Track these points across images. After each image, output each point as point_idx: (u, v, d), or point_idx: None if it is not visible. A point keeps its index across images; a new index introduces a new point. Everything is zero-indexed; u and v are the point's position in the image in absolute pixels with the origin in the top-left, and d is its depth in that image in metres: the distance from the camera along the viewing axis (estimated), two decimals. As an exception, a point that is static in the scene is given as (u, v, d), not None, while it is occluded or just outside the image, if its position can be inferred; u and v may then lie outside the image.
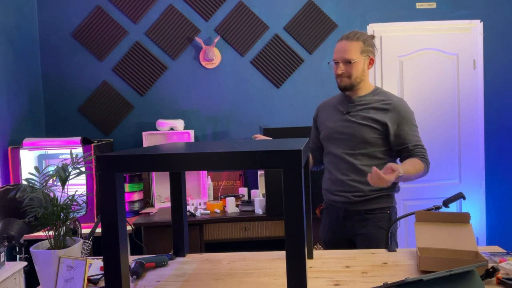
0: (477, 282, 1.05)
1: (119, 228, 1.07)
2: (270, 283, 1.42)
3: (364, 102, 2.03)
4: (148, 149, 1.24)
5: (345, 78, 2.00)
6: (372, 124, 1.97)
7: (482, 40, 3.61)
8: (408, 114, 2.00)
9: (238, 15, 3.51)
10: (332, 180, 2.06)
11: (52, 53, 3.47)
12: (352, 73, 1.99)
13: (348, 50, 1.97)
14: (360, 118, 1.99)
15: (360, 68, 2.00)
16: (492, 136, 3.66)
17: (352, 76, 1.99)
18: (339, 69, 2.00)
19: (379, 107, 2.00)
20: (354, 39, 1.98)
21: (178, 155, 1.05)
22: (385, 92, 2.06)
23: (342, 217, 2.04)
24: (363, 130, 1.98)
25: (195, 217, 2.90)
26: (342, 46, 1.99)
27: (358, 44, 1.98)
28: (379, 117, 1.97)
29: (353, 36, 1.99)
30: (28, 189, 1.37)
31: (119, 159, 1.05)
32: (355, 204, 2.00)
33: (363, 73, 2.02)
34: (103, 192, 1.06)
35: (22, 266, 2.20)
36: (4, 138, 2.95)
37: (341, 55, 1.99)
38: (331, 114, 2.11)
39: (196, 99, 3.53)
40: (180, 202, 1.70)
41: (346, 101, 2.07)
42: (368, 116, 1.99)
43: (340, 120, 2.05)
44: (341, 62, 1.99)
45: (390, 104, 2.00)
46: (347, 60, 1.97)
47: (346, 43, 1.98)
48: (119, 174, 1.07)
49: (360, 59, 1.98)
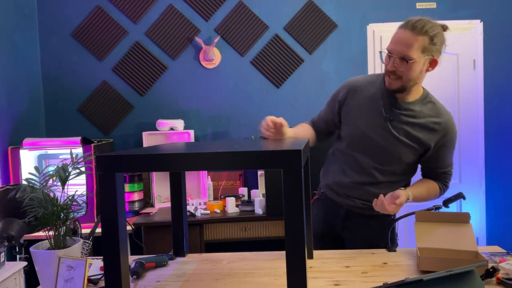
0: (477, 282, 1.05)
1: (119, 228, 1.07)
2: (270, 283, 1.42)
3: (411, 113, 1.69)
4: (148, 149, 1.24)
5: (396, 80, 1.63)
6: (415, 145, 1.69)
7: (482, 40, 3.61)
8: (454, 137, 1.72)
9: (238, 15, 3.51)
10: (344, 183, 1.81)
11: (52, 53, 3.47)
12: (406, 74, 1.61)
13: (409, 45, 1.57)
14: (404, 135, 1.68)
15: (418, 70, 1.62)
16: (492, 136, 3.65)
17: (404, 78, 1.62)
18: (390, 64, 1.62)
19: (427, 126, 1.68)
20: (421, 32, 1.57)
21: (178, 155, 1.04)
22: (435, 103, 1.74)
23: (343, 217, 1.87)
24: (403, 150, 1.69)
25: (195, 217, 2.90)
26: (404, 36, 1.58)
27: (424, 40, 1.57)
28: (424, 137, 1.68)
29: (421, 28, 1.57)
30: (28, 189, 1.37)
31: (119, 159, 1.05)
32: (360, 209, 1.83)
33: (419, 76, 1.65)
34: (103, 192, 1.06)
35: (22, 266, 2.20)
36: (4, 138, 2.95)
37: (399, 49, 1.59)
38: (366, 111, 1.73)
39: (196, 99, 3.53)
40: (180, 202, 1.70)
41: (389, 103, 1.70)
42: (414, 135, 1.68)
43: (378, 126, 1.70)
44: (396, 57, 1.60)
45: (440, 124, 1.69)
46: (405, 57, 1.58)
47: (409, 35, 1.57)
48: (119, 174, 1.07)
49: (420, 60, 1.60)
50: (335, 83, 3.59)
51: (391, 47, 1.63)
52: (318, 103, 3.54)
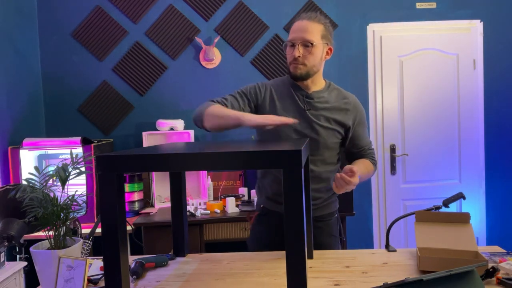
0: (477, 282, 1.05)
1: (119, 228, 1.07)
2: (270, 283, 1.42)
3: (323, 100, 1.80)
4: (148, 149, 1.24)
5: (301, 65, 1.73)
6: (336, 127, 1.79)
7: (482, 40, 3.61)
8: (363, 113, 1.86)
9: (238, 15, 3.51)
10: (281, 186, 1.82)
11: (52, 53, 3.47)
12: (310, 59, 1.72)
13: (309, 31, 1.70)
14: (324, 120, 1.77)
15: (319, 56, 1.75)
16: (492, 136, 3.66)
17: (309, 64, 1.73)
18: (296, 51, 1.71)
19: (340, 107, 1.80)
20: (316, 20, 1.72)
21: (178, 155, 1.05)
22: (339, 89, 1.88)
23: None
24: (327, 134, 1.77)
25: (195, 217, 2.90)
26: (302, 25, 1.71)
27: (320, 27, 1.72)
28: (342, 118, 1.79)
29: (315, 17, 1.73)
30: (28, 189, 1.37)
31: (119, 159, 1.05)
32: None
33: (320, 63, 1.78)
34: (103, 192, 1.06)
35: (22, 266, 2.20)
36: (4, 138, 2.95)
37: (300, 35, 1.70)
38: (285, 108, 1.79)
39: (196, 99, 3.53)
40: (180, 202, 1.70)
41: (301, 96, 1.80)
42: (332, 118, 1.78)
43: (300, 118, 1.76)
44: (299, 44, 1.71)
45: (350, 103, 1.82)
46: (307, 42, 1.70)
47: (307, 23, 1.71)
48: (119, 174, 1.07)
49: (320, 44, 1.73)
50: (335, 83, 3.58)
51: (293, 36, 1.73)
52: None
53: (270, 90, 1.83)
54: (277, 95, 1.82)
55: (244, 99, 1.81)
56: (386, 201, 3.66)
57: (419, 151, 3.63)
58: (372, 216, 3.66)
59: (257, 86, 1.85)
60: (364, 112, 1.87)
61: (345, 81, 3.60)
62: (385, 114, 3.63)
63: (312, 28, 1.71)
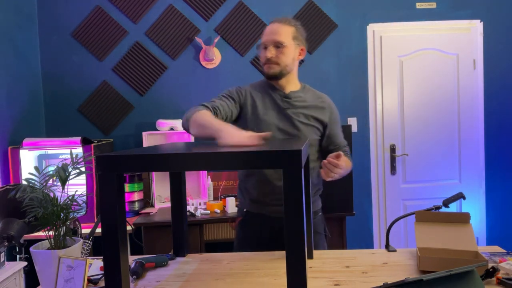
0: (477, 282, 1.05)
1: (119, 228, 1.07)
2: (270, 283, 1.42)
3: (300, 99, 1.87)
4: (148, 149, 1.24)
5: (274, 65, 1.81)
6: (314, 124, 1.86)
7: (482, 40, 3.61)
8: (337, 113, 1.95)
9: (238, 15, 3.51)
10: (267, 188, 1.83)
11: (52, 53, 3.47)
12: (282, 59, 1.80)
13: (280, 33, 1.79)
14: (303, 117, 1.84)
15: (291, 56, 1.82)
16: (492, 136, 3.66)
17: (281, 63, 1.81)
18: (268, 52, 1.80)
19: (316, 106, 1.88)
20: (286, 22, 1.82)
21: (178, 155, 1.04)
22: (314, 90, 1.95)
23: (278, 229, 1.83)
24: (307, 131, 1.84)
25: (195, 217, 2.90)
26: (273, 28, 1.81)
27: (290, 29, 1.81)
28: (319, 116, 1.87)
29: (285, 20, 1.83)
30: (28, 189, 1.37)
31: (119, 159, 1.05)
32: None
33: (293, 63, 1.85)
34: (103, 192, 1.06)
35: (22, 266, 2.20)
36: (4, 138, 2.95)
37: (272, 37, 1.79)
38: (266, 110, 1.85)
39: (196, 99, 3.53)
40: (180, 202, 1.70)
41: (279, 96, 1.87)
42: (310, 115, 1.85)
43: (281, 117, 1.84)
44: (271, 46, 1.80)
45: (325, 102, 1.91)
46: (278, 43, 1.79)
47: (277, 25, 1.81)
48: (119, 174, 1.07)
49: (291, 45, 1.81)
50: (335, 83, 3.60)
51: (265, 39, 1.82)
52: (318, 103, 3.56)
53: (249, 92, 1.89)
54: (256, 97, 1.88)
55: (231, 100, 1.84)
56: (386, 201, 3.66)
57: (419, 151, 3.63)
58: (372, 216, 3.66)
59: (237, 89, 1.90)
60: (337, 112, 1.95)
61: (345, 81, 3.60)
62: (385, 114, 3.63)
63: (283, 30, 1.80)
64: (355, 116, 3.61)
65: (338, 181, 2.18)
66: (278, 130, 1.82)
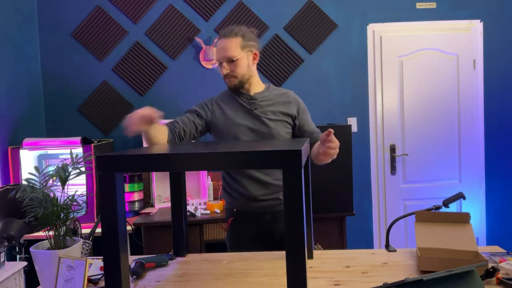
0: (477, 282, 1.05)
1: (119, 228, 1.07)
2: (270, 283, 1.42)
3: (265, 98, 1.94)
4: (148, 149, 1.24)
5: (232, 78, 1.90)
6: (283, 118, 1.92)
7: (482, 40, 3.61)
8: (304, 104, 2.00)
9: (238, 15, 3.51)
10: (256, 184, 1.91)
11: (52, 53, 3.47)
12: (237, 71, 1.88)
13: (228, 48, 1.86)
14: (272, 114, 1.91)
15: (245, 65, 1.89)
16: (492, 136, 3.66)
17: (238, 75, 1.89)
18: (224, 69, 1.89)
19: (282, 101, 1.95)
20: (231, 35, 1.88)
21: (178, 155, 1.04)
22: (277, 88, 2.03)
23: (270, 221, 1.94)
24: (277, 126, 1.90)
25: (195, 217, 2.90)
26: (222, 44, 1.88)
27: (237, 40, 1.87)
28: (286, 110, 1.93)
29: (230, 32, 1.88)
30: (28, 189, 1.37)
31: (119, 159, 1.05)
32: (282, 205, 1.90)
33: (249, 69, 1.92)
34: (103, 192, 1.06)
35: (22, 266, 2.20)
36: (4, 138, 2.95)
37: (222, 54, 1.88)
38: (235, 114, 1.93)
39: (196, 99, 3.49)
40: (180, 202, 1.70)
41: (246, 99, 1.94)
42: (278, 111, 1.92)
43: (250, 118, 1.91)
44: (224, 62, 1.88)
45: (290, 96, 1.98)
46: (229, 59, 1.87)
47: (224, 41, 1.87)
48: (119, 174, 1.07)
49: (242, 55, 1.88)
50: (335, 83, 3.60)
51: (218, 56, 1.91)
52: (318, 103, 3.56)
53: (216, 101, 1.98)
54: (224, 104, 1.96)
55: (193, 113, 1.95)
56: (386, 201, 3.66)
57: (419, 151, 3.63)
58: (372, 216, 3.66)
59: (203, 103, 1.99)
60: (304, 104, 2.01)
61: (345, 81, 3.60)
62: (385, 114, 3.63)
63: (230, 44, 1.87)
64: (355, 116, 3.61)
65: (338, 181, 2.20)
66: (249, 130, 1.90)
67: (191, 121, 1.92)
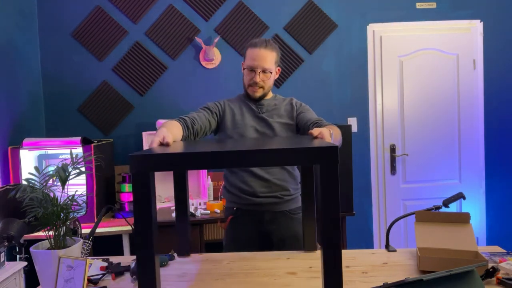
0: (477, 282, 1.05)
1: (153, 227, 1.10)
2: (270, 283, 1.42)
3: (272, 104, 2.03)
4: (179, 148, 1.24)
5: (260, 88, 1.97)
6: (288, 121, 1.99)
7: (482, 40, 3.61)
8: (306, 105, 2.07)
9: (238, 15, 3.51)
10: (258, 181, 1.95)
11: (52, 53, 3.47)
12: (267, 83, 1.96)
13: (267, 60, 1.93)
14: (277, 117, 1.99)
15: (273, 79, 2.00)
16: (492, 136, 3.66)
17: (266, 87, 1.97)
18: (257, 77, 1.94)
19: (286, 107, 2.02)
20: (272, 48, 1.95)
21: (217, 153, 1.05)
22: (282, 97, 2.09)
23: (267, 221, 1.97)
24: (282, 129, 1.97)
25: (195, 217, 2.90)
26: (261, 54, 1.93)
27: (274, 54, 1.96)
28: (289, 113, 2.00)
29: (270, 45, 1.96)
30: (28, 189, 1.37)
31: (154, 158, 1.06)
32: (282, 205, 1.97)
33: (272, 83, 2.02)
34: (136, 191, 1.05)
35: (22, 266, 2.20)
36: (4, 138, 2.95)
37: (260, 64, 1.93)
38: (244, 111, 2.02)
39: (196, 99, 3.53)
40: (184, 202, 1.71)
41: (254, 104, 2.03)
42: (282, 114, 2.00)
43: (256, 119, 1.99)
44: (259, 70, 1.94)
45: (292, 102, 2.05)
46: (265, 70, 1.94)
47: (264, 52, 1.93)
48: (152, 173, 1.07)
49: (274, 70, 1.98)
50: (335, 83, 3.60)
51: (254, 64, 1.93)
52: (318, 103, 3.56)
53: (227, 104, 2.05)
54: (234, 106, 2.04)
55: (208, 112, 1.99)
56: (386, 201, 3.66)
57: (419, 151, 3.63)
58: (372, 216, 3.66)
59: (215, 102, 2.05)
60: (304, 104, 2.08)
61: (345, 81, 3.60)
62: (385, 114, 3.63)
63: (270, 57, 1.94)
64: (355, 116, 3.61)
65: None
66: (255, 131, 1.97)
67: (207, 119, 1.95)
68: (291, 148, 1.04)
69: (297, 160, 1.07)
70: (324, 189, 1.01)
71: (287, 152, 1.04)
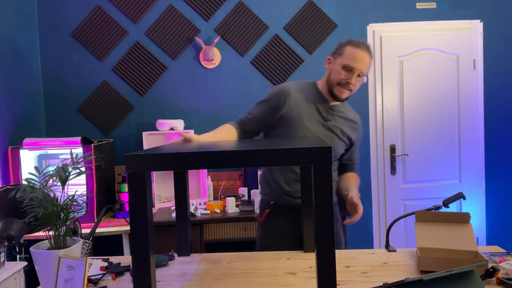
0: (477, 282, 1.05)
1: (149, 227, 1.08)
2: (270, 283, 1.42)
3: (342, 114, 1.97)
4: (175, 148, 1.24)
5: (348, 91, 1.89)
6: (346, 140, 1.97)
7: (482, 40, 3.61)
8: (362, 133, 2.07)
9: (238, 15, 3.51)
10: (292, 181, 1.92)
11: (52, 53, 3.47)
12: (356, 87, 1.89)
13: (367, 65, 1.87)
14: (340, 133, 1.94)
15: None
16: (492, 136, 3.66)
17: (353, 90, 1.90)
18: (353, 79, 1.86)
19: (351, 126, 1.98)
20: (371, 55, 1.89)
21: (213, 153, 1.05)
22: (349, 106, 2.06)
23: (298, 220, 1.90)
24: (339, 145, 1.94)
25: (195, 217, 2.90)
26: (366, 58, 1.86)
27: (371, 62, 1.90)
28: (350, 135, 1.97)
29: (371, 51, 1.90)
30: (28, 189, 1.37)
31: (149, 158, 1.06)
32: None
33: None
34: (132, 190, 1.06)
35: (22, 266, 2.20)
36: (4, 138, 2.95)
37: (362, 68, 1.85)
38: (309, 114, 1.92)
39: (196, 99, 3.53)
40: (185, 202, 1.71)
41: (325, 107, 1.95)
42: (345, 133, 1.95)
43: (320, 126, 1.92)
44: (357, 73, 1.85)
45: (357, 123, 2.02)
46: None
47: (368, 57, 1.86)
48: (148, 173, 1.07)
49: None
50: (335, 83, 3.59)
51: (356, 65, 1.84)
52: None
53: (294, 96, 1.93)
54: (301, 102, 1.92)
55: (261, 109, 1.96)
56: (386, 201, 3.66)
57: (419, 151, 3.63)
58: (372, 216, 3.66)
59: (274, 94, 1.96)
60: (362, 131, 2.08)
61: (345, 81, 3.60)
62: (385, 114, 3.63)
63: (369, 62, 1.88)
64: (355, 116, 3.61)
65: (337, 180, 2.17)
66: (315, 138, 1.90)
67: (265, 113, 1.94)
68: (284, 149, 1.04)
69: (290, 160, 1.07)
70: (317, 189, 1.00)
71: (280, 153, 1.04)
